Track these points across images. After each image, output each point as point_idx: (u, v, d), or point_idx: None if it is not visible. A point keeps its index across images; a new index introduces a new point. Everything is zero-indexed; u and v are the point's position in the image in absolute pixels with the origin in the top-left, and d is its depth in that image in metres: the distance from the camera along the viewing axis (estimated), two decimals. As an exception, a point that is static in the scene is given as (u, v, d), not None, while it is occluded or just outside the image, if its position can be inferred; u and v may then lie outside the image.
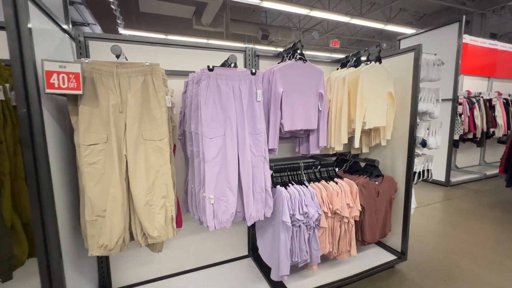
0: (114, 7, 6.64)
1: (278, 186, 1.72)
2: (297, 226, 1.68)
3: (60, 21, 1.36)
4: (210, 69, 1.40)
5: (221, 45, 1.95)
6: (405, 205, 2.13)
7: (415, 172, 2.41)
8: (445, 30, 4.32)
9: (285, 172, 1.86)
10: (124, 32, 8.04)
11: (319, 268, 1.95)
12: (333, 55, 12.12)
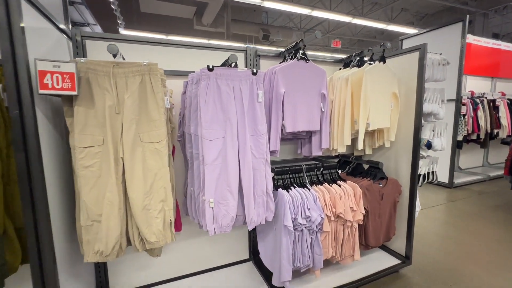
0: (114, 7, 6.62)
1: (280, 189, 1.68)
2: (299, 230, 1.63)
3: (57, 20, 1.32)
4: (210, 69, 1.36)
5: (222, 45, 1.92)
6: (409, 208, 2.08)
7: (420, 175, 2.36)
8: (448, 30, 4.28)
9: (287, 174, 1.82)
10: (125, 32, 8.02)
11: (322, 273, 1.90)
12: (335, 55, 12.07)
